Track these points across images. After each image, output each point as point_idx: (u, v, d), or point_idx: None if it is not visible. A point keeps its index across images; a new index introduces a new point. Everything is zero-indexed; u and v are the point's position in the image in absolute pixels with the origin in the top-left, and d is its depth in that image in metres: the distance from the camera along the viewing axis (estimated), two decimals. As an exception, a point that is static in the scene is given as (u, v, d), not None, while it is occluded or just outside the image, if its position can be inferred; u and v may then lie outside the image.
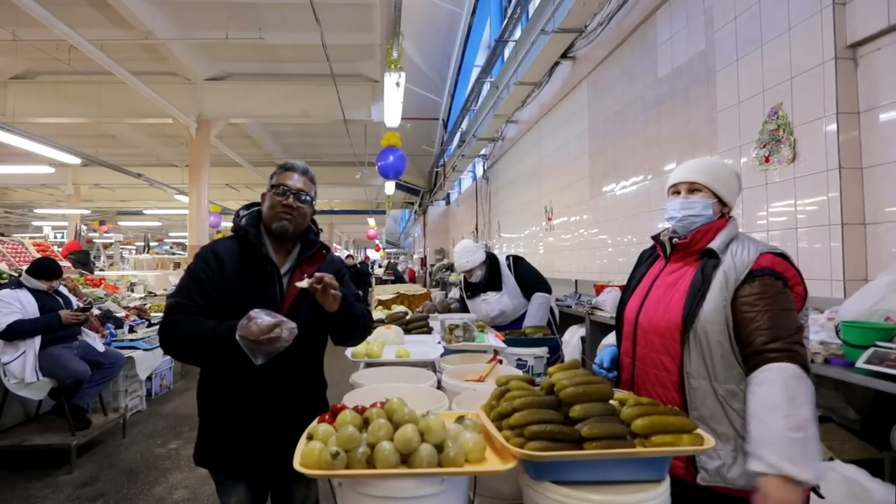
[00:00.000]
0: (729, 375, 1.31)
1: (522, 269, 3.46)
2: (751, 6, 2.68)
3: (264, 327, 1.34)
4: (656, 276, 1.51)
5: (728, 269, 1.35)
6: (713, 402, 1.32)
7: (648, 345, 1.45)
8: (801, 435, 1.16)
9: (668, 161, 3.53)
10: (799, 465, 1.14)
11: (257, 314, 1.36)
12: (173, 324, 1.47)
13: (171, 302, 1.52)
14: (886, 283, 1.88)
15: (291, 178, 1.62)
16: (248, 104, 8.47)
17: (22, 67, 7.91)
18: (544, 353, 2.99)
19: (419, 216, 19.60)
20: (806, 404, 1.19)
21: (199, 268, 1.55)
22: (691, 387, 1.34)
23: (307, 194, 1.63)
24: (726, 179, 1.46)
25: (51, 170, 9.67)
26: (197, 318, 1.48)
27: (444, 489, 1.09)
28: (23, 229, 22.97)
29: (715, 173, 1.46)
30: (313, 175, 1.69)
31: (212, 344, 1.41)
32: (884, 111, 2.09)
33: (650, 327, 1.44)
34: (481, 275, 3.39)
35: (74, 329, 3.85)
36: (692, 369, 1.35)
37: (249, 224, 1.63)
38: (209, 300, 1.52)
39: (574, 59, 5.09)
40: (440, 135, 11.96)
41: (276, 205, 1.59)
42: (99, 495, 3.19)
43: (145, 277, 8.70)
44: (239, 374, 1.53)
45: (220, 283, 1.53)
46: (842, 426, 2.00)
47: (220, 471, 1.61)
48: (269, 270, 1.58)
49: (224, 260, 1.56)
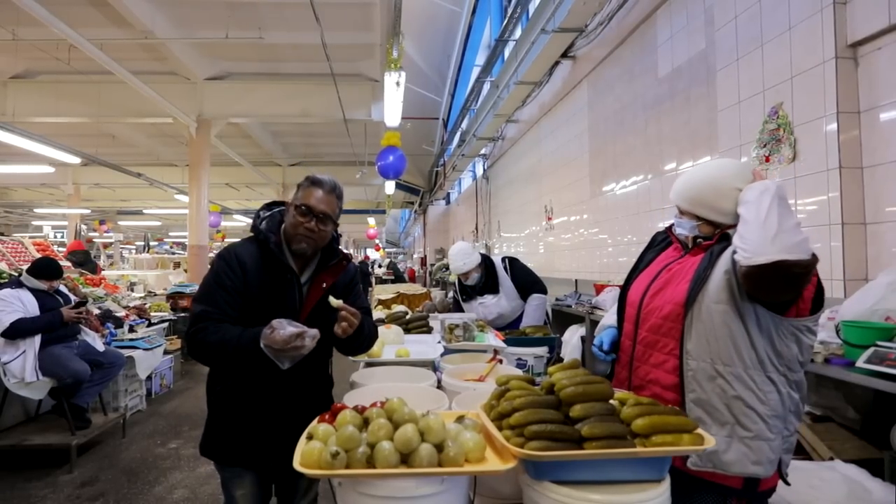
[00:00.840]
0: (735, 358, 1.29)
1: (519, 271, 3.48)
2: (751, 6, 2.67)
3: (287, 337, 1.37)
4: (668, 263, 1.49)
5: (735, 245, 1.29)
6: (711, 384, 1.30)
7: (651, 327, 1.43)
8: (793, 222, 1.20)
9: (668, 161, 3.52)
10: (795, 252, 1.16)
11: (280, 324, 1.39)
12: (201, 331, 1.48)
13: (198, 310, 1.53)
14: (886, 282, 1.88)
15: (315, 196, 1.58)
16: (247, 104, 8.47)
17: (22, 67, 7.91)
18: (544, 352, 2.99)
19: (419, 216, 19.61)
20: (785, 202, 1.24)
21: (223, 272, 1.55)
22: (689, 367, 1.33)
23: (331, 217, 1.60)
24: (717, 202, 1.36)
25: (51, 169, 9.67)
26: (222, 325, 1.50)
27: (444, 489, 1.09)
28: (23, 229, 22.97)
29: (702, 198, 1.39)
30: (341, 192, 1.66)
31: (238, 351, 1.44)
32: (884, 111, 2.09)
33: (656, 309, 1.42)
34: (478, 277, 3.38)
35: (74, 328, 3.85)
36: (692, 349, 1.32)
37: (270, 230, 1.62)
38: (234, 307, 1.54)
39: (574, 59, 5.09)
40: (440, 134, 11.95)
41: (297, 224, 1.57)
42: (99, 495, 3.19)
43: (145, 277, 8.70)
44: (251, 374, 1.56)
45: (243, 288, 1.55)
46: (842, 426, 2.00)
47: (228, 462, 1.64)
48: (289, 278, 1.60)
49: (247, 264, 1.57)
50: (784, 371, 1.30)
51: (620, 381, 1.52)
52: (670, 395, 1.36)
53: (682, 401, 1.33)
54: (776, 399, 1.29)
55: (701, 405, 1.31)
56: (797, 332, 1.29)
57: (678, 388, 1.34)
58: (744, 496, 1.32)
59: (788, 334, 1.29)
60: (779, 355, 1.29)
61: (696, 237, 1.45)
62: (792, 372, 1.31)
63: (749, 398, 1.28)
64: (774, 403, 1.28)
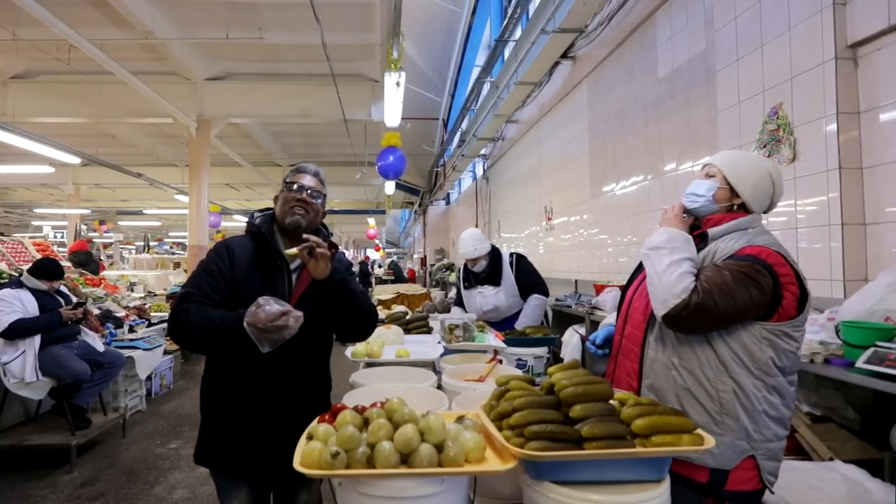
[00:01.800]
0: (691, 355, 1.34)
1: (524, 269, 3.46)
2: (751, 6, 2.68)
3: (272, 314, 1.36)
4: None
5: (708, 253, 1.39)
6: (665, 374, 1.37)
7: (632, 322, 1.50)
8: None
9: (668, 161, 3.52)
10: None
11: (266, 301, 1.39)
12: (182, 312, 1.49)
13: (182, 292, 1.56)
14: (886, 283, 1.88)
15: (304, 178, 1.68)
16: (248, 104, 8.47)
17: (22, 67, 7.90)
18: (544, 353, 3.00)
19: (419, 216, 19.59)
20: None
21: (211, 260, 1.60)
22: (648, 356, 1.42)
23: (319, 193, 1.69)
24: (746, 172, 1.44)
25: (51, 169, 9.66)
26: (205, 307, 1.50)
27: (444, 489, 1.09)
28: (23, 229, 22.96)
29: (734, 164, 1.46)
30: (324, 178, 1.76)
31: (220, 331, 1.43)
32: (884, 111, 2.09)
33: (639, 306, 1.49)
34: (485, 265, 3.40)
35: (74, 329, 3.86)
36: (652, 340, 1.41)
37: (264, 223, 1.68)
38: (219, 291, 1.55)
39: (574, 59, 5.09)
40: (440, 135, 11.95)
41: (289, 200, 1.64)
42: (99, 495, 3.19)
43: (145, 277, 8.71)
44: (244, 372, 1.53)
45: (230, 275, 1.57)
46: (842, 426, 2.00)
47: (223, 471, 1.60)
48: (278, 264, 1.61)
49: (236, 253, 1.61)
50: (759, 374, 1.30)
51: (608, 374, 1.59)
52: (633, 381, 1.46)
53: (639, 386, 1.42)
54: (730, 398, 1.30)
55: (653, 391, 1.39)
56: (772, 335, 1.29)
57: (637, 374, 1.43)
58: (715, 493, 1.32)
59: (760, 338, 1.29)
60: (751, 357, 1.30)
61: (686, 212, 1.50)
62: (768, 376, 1.30)
63: (698, 392, 1.33)
64: (728, 402, 1.30)
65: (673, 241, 1.38)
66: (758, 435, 1.31)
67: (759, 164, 1.46)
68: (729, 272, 1.28)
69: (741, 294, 1.25)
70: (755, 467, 1.32)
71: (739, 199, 1.44)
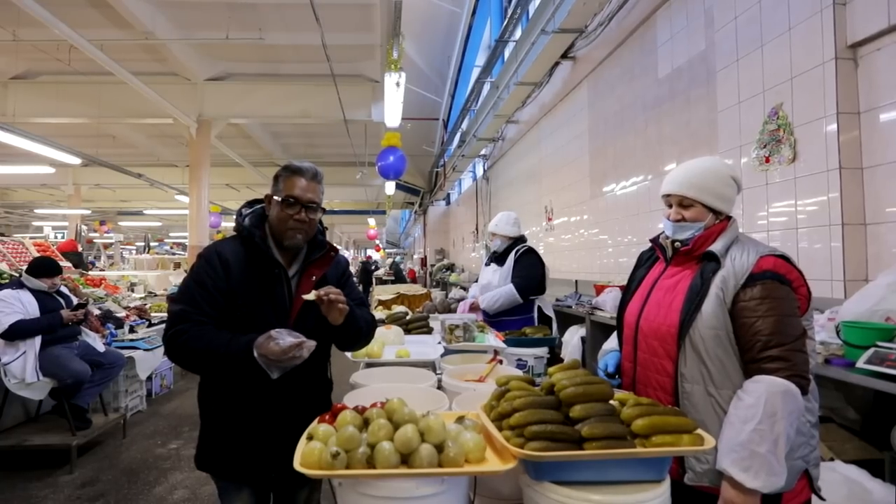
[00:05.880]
0: (726, 382, 1.30)
1: (521, 262, 3.34)
2: (751, 6, 2.68)
3: (286, 347, 1.33)
4: (656, 279, 1.51)
5: (727, 274, 1.33)
6: (706, 407, 1.31)
7: (649, 349, 1.44)
8: (765, 449, 1.17)
9: (668, 161, 3.52)
10: (750, 473, 1.17)
11: (279, 335, 1.35)
12: (181, 334, 1.42)
13: (177, 310, 1.46)
14: (887, 283, 1.88)
15: (300, 186, 1.52)
16: (248, 104, 8.48)
17: (22, 67, 7.92)
18: (544, 353, 2.99)
19: (419, 216, 19.59)
20: (783, 420, 1.18)
21: (203, 271, 1.49)
22: (684, 390, 1.34)
23: (317, 203, 1.56)
24: (719, 188, 1.41)
25: (51, 170, 9.67)
26: (206, 328, 1.43)
27: (444, 489, 1.09)
28: (23, 229, 22.98)
29: (705, 185, 1.42)
30: (322, 176, 1.60)
31: (226, 358, 1.38)
32: (884, 111, 2.09)
33: (651, 331, 1.44)
34: (499, 244, 3.50)
35: (75, 329, 3.86)
36: (686, 372, 1.34)
37: (254, 224, 1.56)
38: (215, 305, 1.46)
39: (574, 60, 5.09)
40: (440, 135, 11.96)
41: (286, 219, 1.51)
42: (99, 495, 3.19)
43: (146, 277, 8.69)
44: (244, 378, 1.50)
45: (226, 287, 1.48)
46: (842, 426, 2.00)
47: (224, 476, 1.58)
48: (276, 273, 1.54)
49: (230, 262, 1.50)
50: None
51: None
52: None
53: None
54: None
55: (703, 427, 1.31)
56: None
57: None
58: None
59: None
60: None
61: (674, 241, 1.47)
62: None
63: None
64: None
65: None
66: (807, 448, 1.30)
67: (722, 172, 1.44)
68: (784, 318, 1.26)
69: (796, 327, 1.27)
70: (807, 478, 1.31)
71: (723, 215, 1.44)
